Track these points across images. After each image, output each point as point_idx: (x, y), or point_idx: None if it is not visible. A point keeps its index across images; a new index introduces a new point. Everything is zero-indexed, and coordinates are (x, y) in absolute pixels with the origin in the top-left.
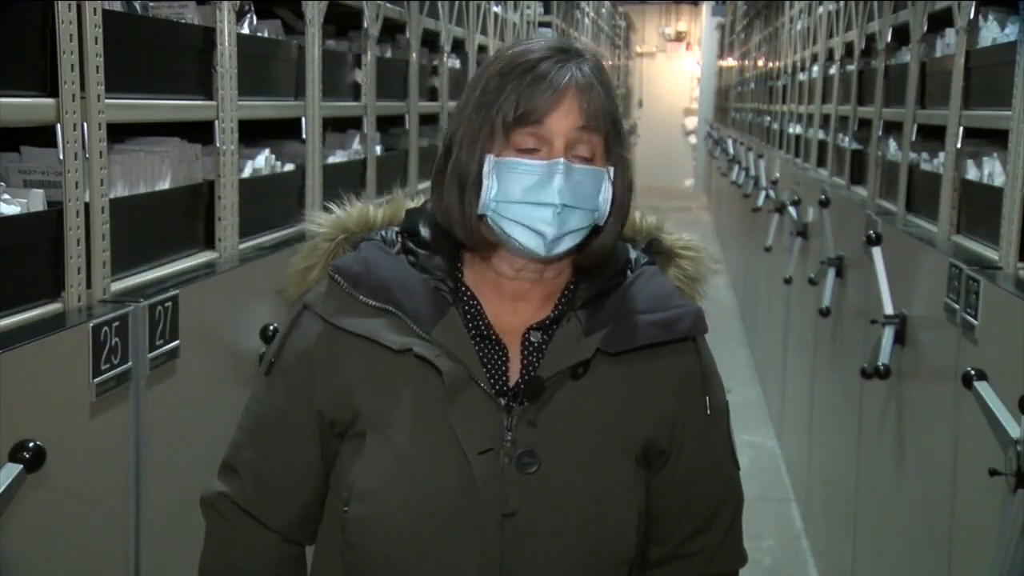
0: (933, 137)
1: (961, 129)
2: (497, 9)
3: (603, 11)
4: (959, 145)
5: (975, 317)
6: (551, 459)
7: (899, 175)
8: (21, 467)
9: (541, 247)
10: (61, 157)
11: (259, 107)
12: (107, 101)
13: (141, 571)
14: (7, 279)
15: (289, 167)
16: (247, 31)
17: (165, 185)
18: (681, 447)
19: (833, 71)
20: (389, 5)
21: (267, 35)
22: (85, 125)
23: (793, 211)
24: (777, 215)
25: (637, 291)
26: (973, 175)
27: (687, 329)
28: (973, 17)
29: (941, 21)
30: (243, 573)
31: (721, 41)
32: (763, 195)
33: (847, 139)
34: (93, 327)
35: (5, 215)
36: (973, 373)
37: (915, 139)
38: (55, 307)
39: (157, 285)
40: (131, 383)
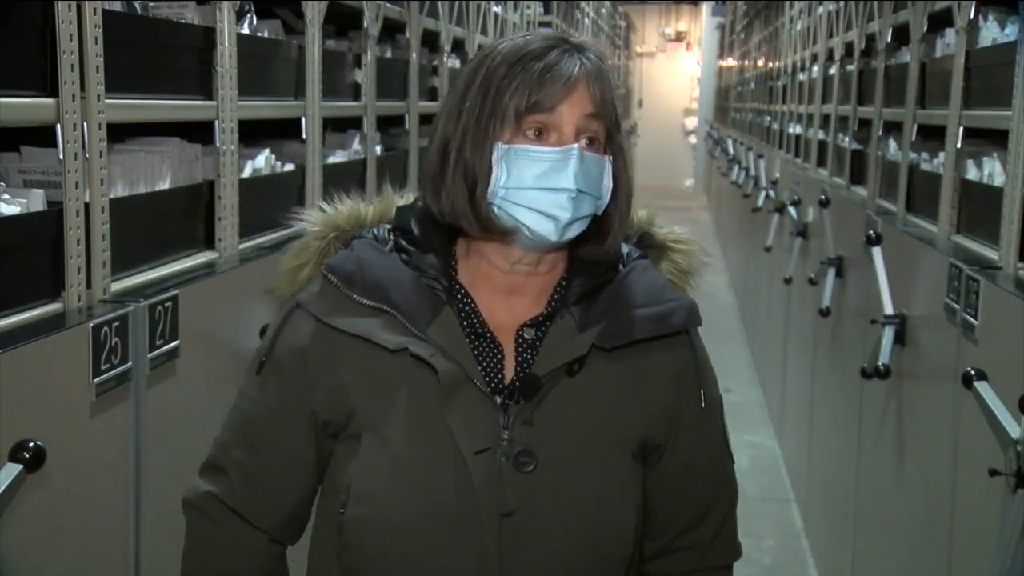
0: (933, 137)
1: (961, 129)
2: (497, 9)
3: (603, 11)
4: (959, 145)
5: (975, 317)
6: (548, 457)
7: (899, 175)
8: (21, 467)
9: (554, 232)
10: (61, 157)
11: (259, 107)
12: (107, 101)
13: (141, 571)
14: (7, 279)
15: (289, 167)
16: (247, 31)
17: (165, 185)
18: (676, 441)
19: (833, 71)
20: (389, 5)
21: (267, 35)
22: (85, 125)
23: (793, 211)
24: (777, 215)
25: (630, 285)
26: (973, 175)
27: (681, 323)
28: (973, 17)
29: (941, 21)
30: (231, 574)
31: (721, 41)
32: (763, 195)
33: (847, 139)
34: (93, 327)
35: (5, 215)
36: (973, 373)
37: (915, 139)
38: (55, 307)
39: (157, 285)
40: (131, 383)
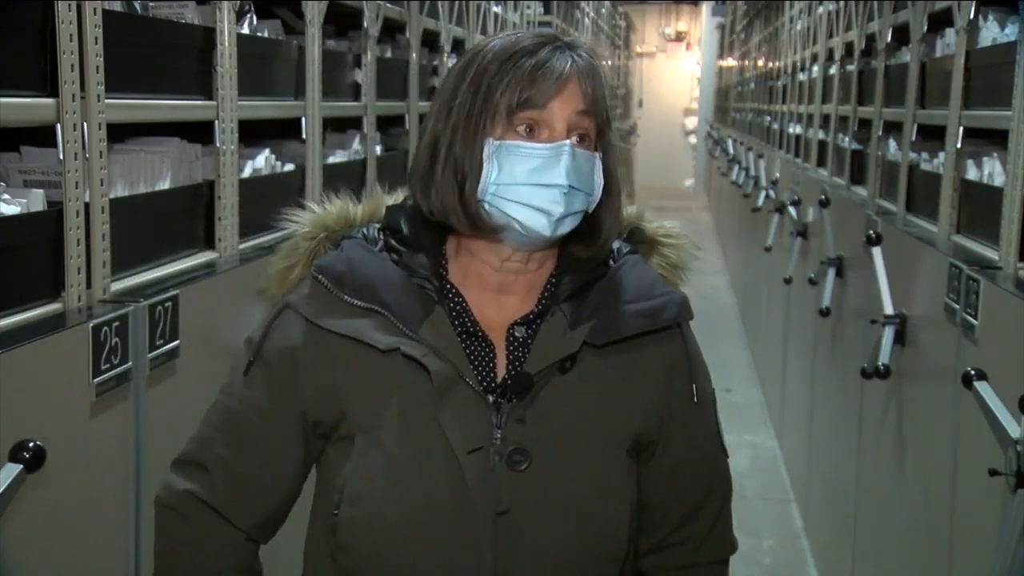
0: (933, 137)
1: (961, 129)
2: (497, 9)
3: (603, 11)
4: (959, 145)
5: (975, 317)
6: (542, 456)
7: (899, 175)
8: (21, 467)
9: (547, 227)
10: (61, 157)
11: (259, 107)
12: (107, 101)
13: (141, 571)
14: (7, 279)
15: (289, 167)
16: (247, 31)
17: (165, 185)
18: (669, 436)
19: (833, 71)
20: (389, 5)
21: (267, 35)
22: (85, 125)
23: (793, 211)
24: (777, 215)
25: (621, 281)
26: (973, 175)
27: (672, 317)
28: (973, 17)
29: (941, 21)
30: (207, 574)
31: (721, 41)
32: (763, 195)
33: (847, 139)
34: (93, 327)
35: (5, 215)
36: (973, 373)
37: (915, 139)
38: (55, 307)
39: (157, 285)
40: (131, 383)
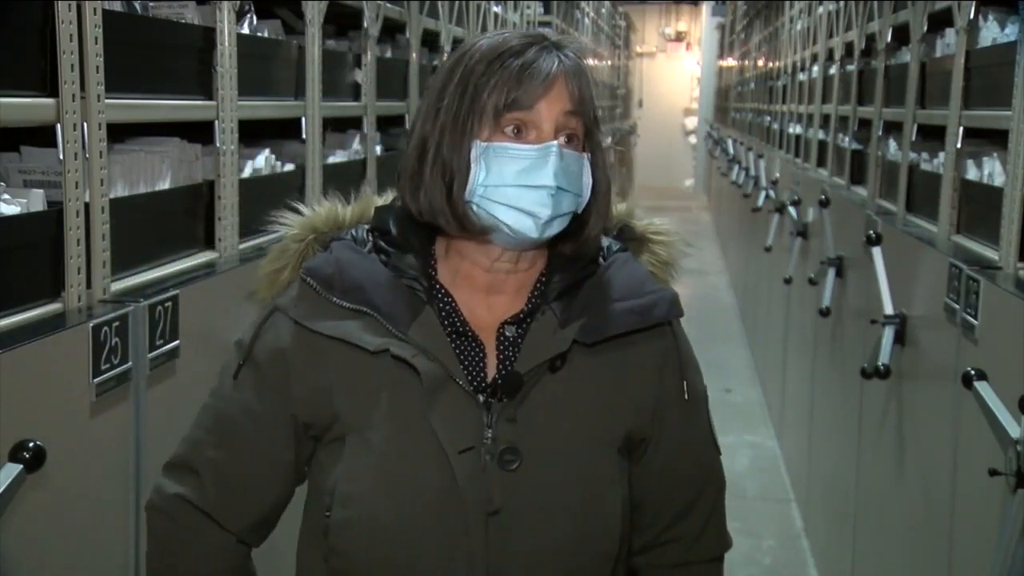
0: (933, 137)
1: (961, 129)
2: (497, 9)
3: (603, 11)
4: (959, 145)
5: (975, 317)
6: (533, 455)
7: (899, 175)
8: (21, 467)
9: (534, 229)
10: (61, 157)
11: (259, 107)
12: (107, 101)
13: (141, 571)
14: (7, 279)
15: (289, 167)
16: (247, 31)
17: (165, 185)
18: (661, 434)
19: (833, 71)
20: (389, 5)
21: (267, 35)
22: (85, 125)
23: (793, 211)
24: (777, 215)
25: (611, 279)
26: (973, 175)
27: (663, 314)
28: (973, 17)
29: (941, 21)
30: None
31: (721, 41)
32: (763, 195)
33: (847, 139)
34: (93, 327)
35: (5, 215)
36: (973, 373)
37: (915, 139)
38: (55, 307)
39: (157, 285)
40: (131, 383)
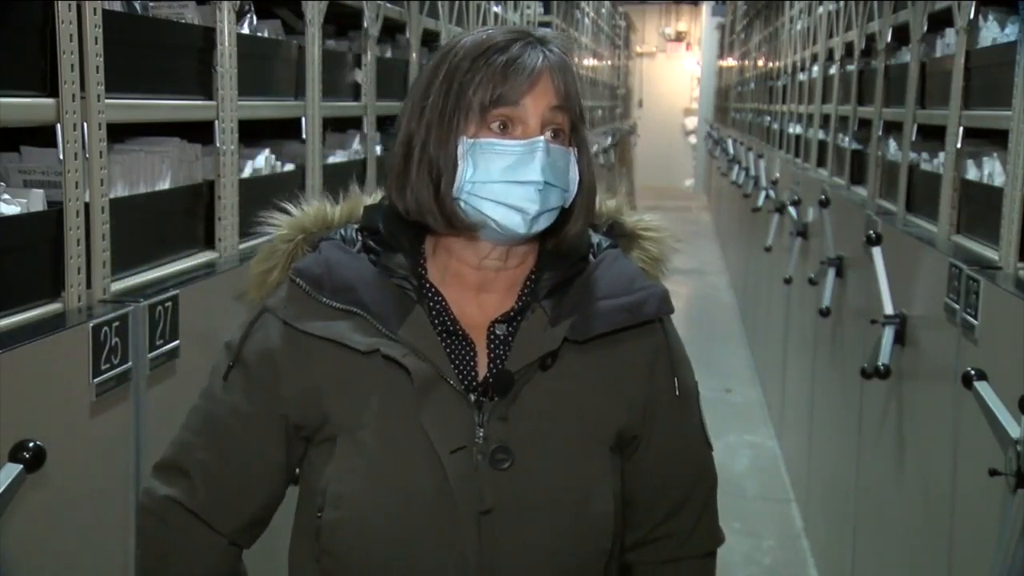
0: (933, 137)
1: (961, 129)
2: (497, 9)
3: (603, 11)
4: (959, 145)
5: (975, 317)
6: (524, 454)
7: (899, 175)
8: (21, 467)
9: (522, 224)
10: (61, 157)
11: (259, 107)
12: (107, 101)
13: None
14: (7, 279)
15: (289, 167)
16: (247, 31)
17: (165, 185)
18: (652, 430)
19: (833, 71)
20: (389, 5)
21: (267, 35)
22: (85, 125)
23: (793, 211)
24: (777, 215)
25: (601, 276)
26: (973, 175)
27: (653, 311)
28: (973, 17)
29: (941, 21)
30: None
31: (721, 41)
32: (763, 195)
33: (847, 139)
34: (93, 327)
35: (5, 215)
36: (973, 373)
37: (915, 139)
38: (55, 307)
39: (157, 285)
40: (131, 383)
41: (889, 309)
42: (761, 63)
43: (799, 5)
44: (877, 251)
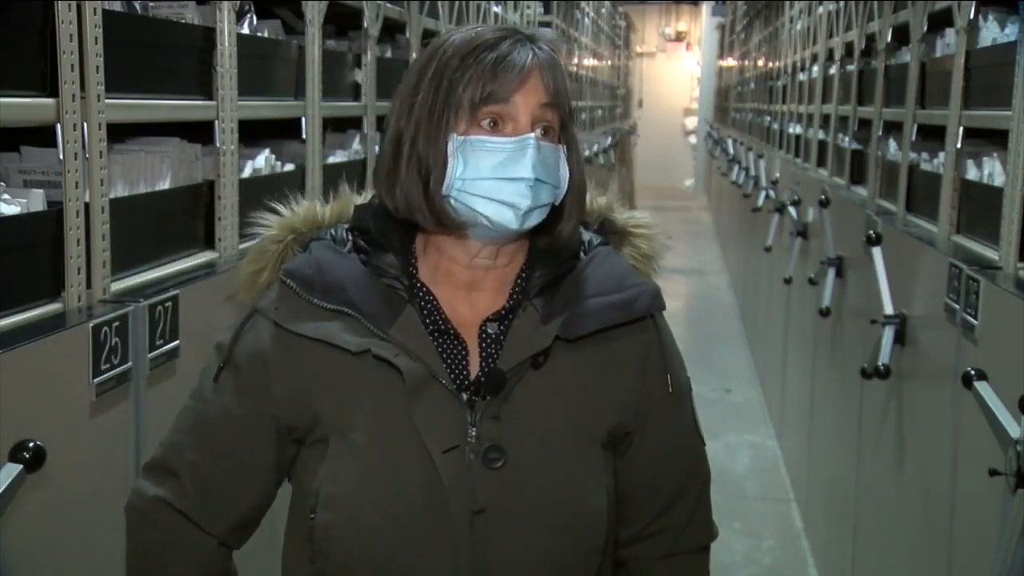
0: (933, 137)
1: (961, 129)
2: (497, 9)
3: (603, 11)
4: (959, 145)
5: (975, 317)
6: (517, 452)
7: (899, 175)
8: (21, 467)
9: (514, 220)
10: (61, 157)
11: (259, 107)
12: (107, 101)
13: None
14: (7, 279)
15: (289, 167)
16: (247, 31)
17: (165, 185)
18: (645, 427)
19: (833, 71)
20: (389, 5)
21: (267, 35)
22: (85, 125)
23: (793, 211)
24: (777, 215)
25: (592, 273)
26: (973, 175)
27: (644, 308)
28: (973, 17)
29: (941, 21)
30: None
31: (721, 41)
32: (763, 195)
33: (847, 139)
34: (93, 327)
35: (5, 215)
36: (973, 373)
37: (915, 139)
38: (55, 307)
39: (157, 285)
40: (131, 383)
41: (889, 309)
42: (761, 63)
43: (799, 5)
44: (877, 251)
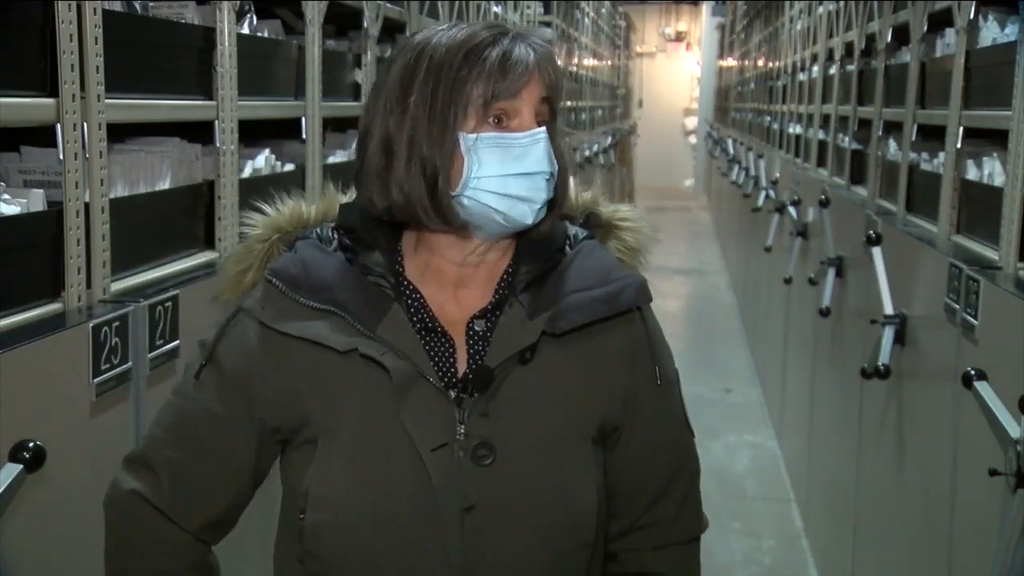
0: (933, 137)
1: (961, 129)
2: (497, 9)
3: (603, 11)
4: (959, 145)
5: (975, 317)
6: (506, 449)
7: (899, 175)
8: (21, 467)
9: (529, 215)
10: (61, 157)
11: (259, 107)
12: (107, 101)
13: None
14: (7, 279)
15: (289, 167)
16: (247, 31)
17: (165, 185)
18: (634, 420)
19: (833, 71)
20: (389, 5)
21: (267, 35)
22: (85, 125)
23: (793, 211)
24: (777, 215)
25: (578, 268)
26: (973, 175)
27: (631, 301)
28: (973, 17)
29: (941, 21)
30: (157, 574)
31: (721, 41)
32: (763, 195)
33: (847, 139)
34: (93, 327)
35: (5, 215)
36: (973, 373)
37: (915, 139)
38: (55, 307)
39: (157, 285)
40: (131, 383)
41: (889, 309)
42: (761, 63)
43: (799, 5)
44: (877, 251)
